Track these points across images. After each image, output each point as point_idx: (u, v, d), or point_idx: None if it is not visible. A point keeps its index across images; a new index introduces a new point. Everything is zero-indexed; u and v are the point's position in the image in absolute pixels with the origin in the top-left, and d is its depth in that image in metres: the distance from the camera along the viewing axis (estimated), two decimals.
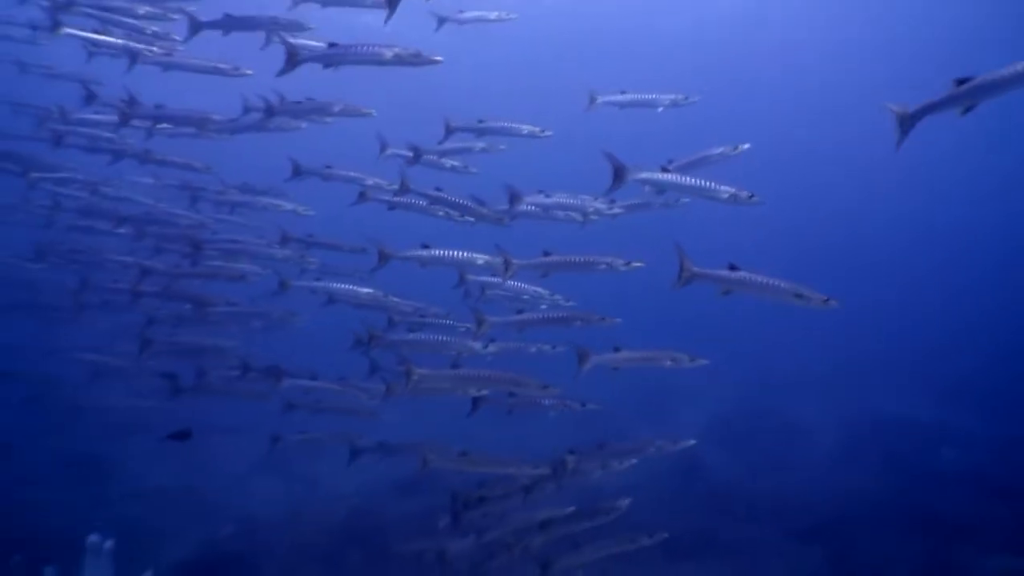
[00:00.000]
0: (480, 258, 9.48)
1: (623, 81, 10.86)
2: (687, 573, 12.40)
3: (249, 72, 10.50)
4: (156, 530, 14.01)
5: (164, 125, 10.87)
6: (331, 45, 8.72)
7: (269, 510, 15.78)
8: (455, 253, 9.51)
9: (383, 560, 12.79)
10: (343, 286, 10.60)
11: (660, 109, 10.55)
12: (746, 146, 9.32)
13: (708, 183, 8.07)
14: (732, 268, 7.13)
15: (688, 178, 8.28)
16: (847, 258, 42.99)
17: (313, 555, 13.52)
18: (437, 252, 9.45)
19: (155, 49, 10.59)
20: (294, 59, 8.77)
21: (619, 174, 8.41)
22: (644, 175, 8.40)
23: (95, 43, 10.64)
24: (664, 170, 8.48)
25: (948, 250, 45.38)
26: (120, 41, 10.71)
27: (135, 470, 17.12)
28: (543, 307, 9.86)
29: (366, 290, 10.52)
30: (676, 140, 10.68)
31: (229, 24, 9.96)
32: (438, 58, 8.56)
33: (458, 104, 12.01)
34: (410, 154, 10.68)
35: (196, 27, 10.03)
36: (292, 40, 8.96)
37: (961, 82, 5.79)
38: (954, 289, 39.71)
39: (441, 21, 12.60)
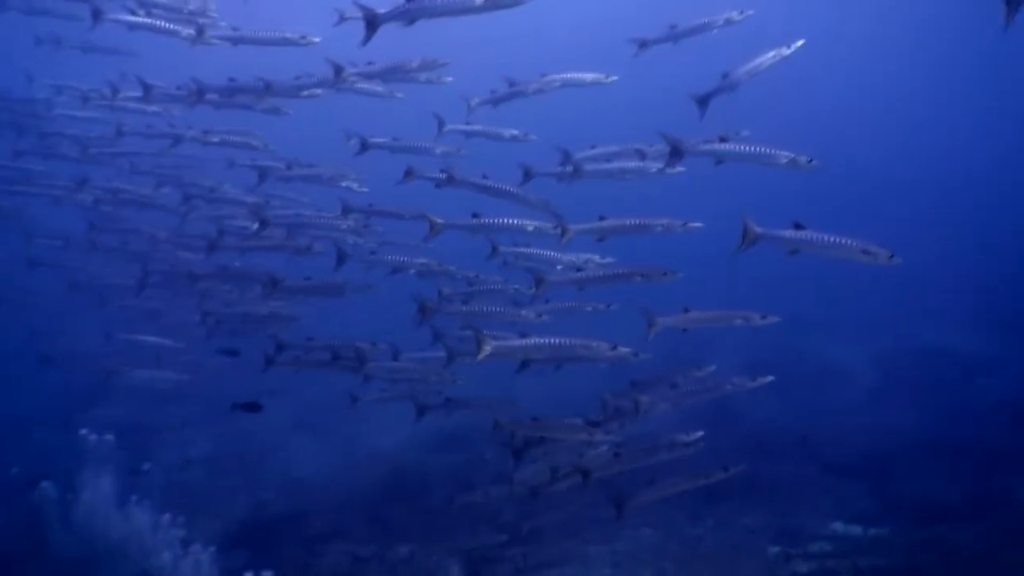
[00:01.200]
0: (531, 224, 9.41)
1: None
2: (730, 513, 12.88)
3: (317, 39, 10.21)
4: (206, 496, 14.48)
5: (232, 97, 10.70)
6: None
7: (314, 471, 16.24)
8: (505, 220, 9.45)
9: (426, 513, 13.23)
10: (402, 257, 10.78)
11: (715, 31, 9.96)
12: (800, 43, 8.67)
13: (766, 149, 7.95)
14: (797, 227, 7.11)
15: (746, 146, 8.10)
16: (884, 191, 42.46)
17: (359, 512, 13.95)
18: (487, 220, 9.40)
19: (221, 22, 10.30)
20: (374, 24, 8.16)
21: (676, 150, 8.28)
22: (703, 147, 8.18)
23: (152, 27, 10.40)
24: (722, 140, 8.10)
25: (987, 183, 44.61)
26: (181, 18, 10.37)
27: (181, 439, 17.50)
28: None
29: (422, 259, 10.67)
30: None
31: None
32: None
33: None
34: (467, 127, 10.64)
35: None
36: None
37: None
38: (991, 221, 39.04)
39: None
